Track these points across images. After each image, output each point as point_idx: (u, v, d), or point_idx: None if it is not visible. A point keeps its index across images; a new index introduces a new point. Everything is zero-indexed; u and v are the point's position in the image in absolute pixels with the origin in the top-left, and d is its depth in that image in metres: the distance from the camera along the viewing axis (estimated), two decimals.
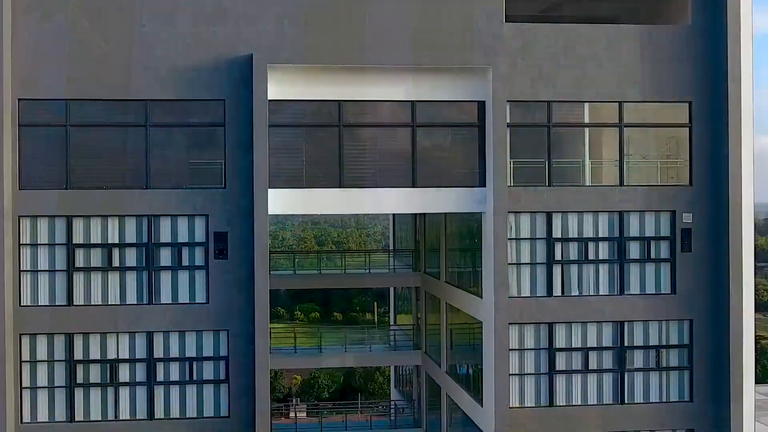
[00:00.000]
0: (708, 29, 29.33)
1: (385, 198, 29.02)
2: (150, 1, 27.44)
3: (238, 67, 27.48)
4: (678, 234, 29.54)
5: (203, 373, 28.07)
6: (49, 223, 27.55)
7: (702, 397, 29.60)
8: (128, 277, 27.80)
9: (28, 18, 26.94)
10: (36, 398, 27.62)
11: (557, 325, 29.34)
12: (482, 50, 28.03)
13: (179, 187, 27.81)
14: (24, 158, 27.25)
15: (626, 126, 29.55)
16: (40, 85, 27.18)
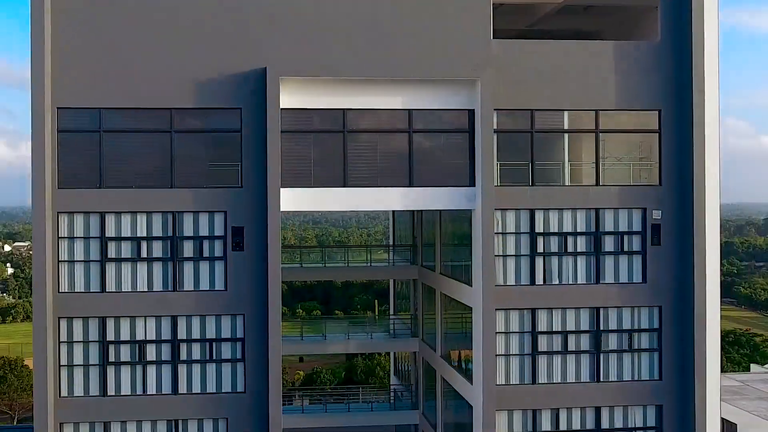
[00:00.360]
0: (675, 45, 32.73)
1: (385, 196, 32.47)
2: (175, 20, 30.84)
3: (253, 78, 30.89)
4: (648, 229, 32.96)
5: (222, 353, 31.48)
6: (85, 219, 30.97)
7: (670, 376, 33.01)
8: (155, 267, 31.22)
9: (66, 35, 30.33)
10: (73, 375, 31.04)
11: (539, 310, 32.77)
12: (472, 64, 31.44)
13: (200, 186, 31.21)
14: (62, 161, 30.66)
15: (602, 132, 32.98)
16: (76, 95, 30.59)
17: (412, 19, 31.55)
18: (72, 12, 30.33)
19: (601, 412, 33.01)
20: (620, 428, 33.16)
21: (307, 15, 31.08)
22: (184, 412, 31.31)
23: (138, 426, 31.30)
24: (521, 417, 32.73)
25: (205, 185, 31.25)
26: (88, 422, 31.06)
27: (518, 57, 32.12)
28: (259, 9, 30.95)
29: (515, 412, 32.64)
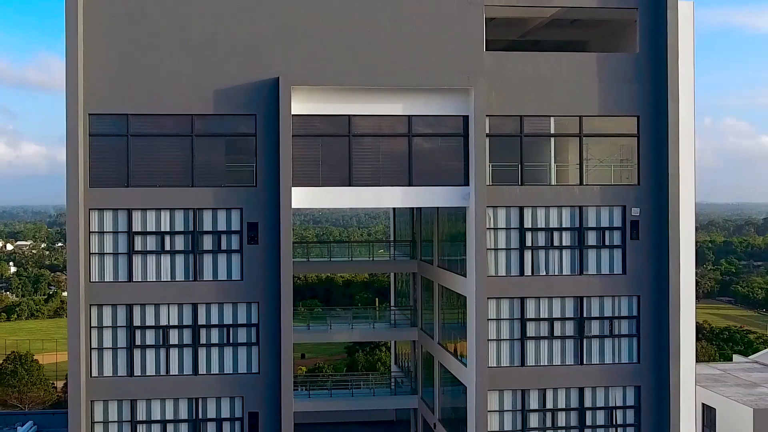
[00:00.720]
0: (652, 56, 35.96)
1: (386, 194, 35.76)
2: (196, 34, 34.07)
3: (267, 87, 34.14)
4: (628, 225, 36.20)
5: (238, 338, 34.71)
6: (113, 215, 34.23)
7: (647, 359, 36.25)
8: (177, 259, 34.48)
9: (96, 49, 33.56)
10: (102, 357, 34.30)
11: (528, 299, 36.02)
12: (466, 74, 34.68)
13: (218, 185, 34.47)
14: (93, 162, 33.89)
15: (585, 136, 36.22)
16: (106, 103, 33.84)
17: (411, 33, 34.78)
18: (102, 27, 33.56)
19: (584, 392, 36.26)
20: (602, 407, 36.40)
21: (315, 29, 34.33)
22: (203, 391, 34.56)
23: (162, 404, 34.55)
24: (511, 396, 35.99)
25: (222, 184, 34.48)
26: (116, 400, 34.30)
27: (509, 67, 35.36)
28: (272, 24, 34.19)
29: (506, 392, 35.90)
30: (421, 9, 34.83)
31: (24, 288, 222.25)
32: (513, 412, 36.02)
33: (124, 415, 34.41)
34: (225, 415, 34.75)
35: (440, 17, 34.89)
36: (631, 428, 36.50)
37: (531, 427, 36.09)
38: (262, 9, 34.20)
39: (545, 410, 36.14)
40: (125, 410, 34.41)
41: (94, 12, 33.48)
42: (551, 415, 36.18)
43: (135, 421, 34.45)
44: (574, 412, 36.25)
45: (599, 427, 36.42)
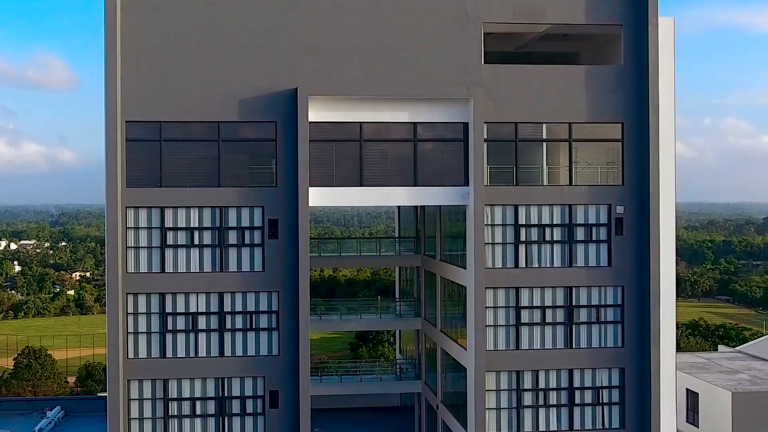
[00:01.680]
0: (635, 67, 39.95)
1: (393, 193, 39.81)
2: (222, 48, 38.05)
3: (286, 97, 38.14)
4: (613, 222, 40.21)
5: (260, 323, 38.74)
6: (148, 212, 38.25)
7: (630, 343, 40.25)
8: (205, 251, 38.50)
9: (132, 63, 37.57)
10: (138, 340, 38.32)
11: (522, 289, 40.03)
12: (465, 85, 38.70)
13: (242, 185, 38.48)
14: (129, 165, 37.91)
15: (574, 141, 40.23)
16: (141, 111, 37.85)
17: (416, 47, 38.79)
18: (137, 43, 37.56)
19: (573, 374, 40.27)
20: (589, 387, 40.41)
21: (330, 45, 38.35)
22: (228, 371, 38.59)
23: (191, 383, 38.57)
24: (507, 377, 40.00)
25: (246, 185, 38.50)
26: (150, 379, 38.33)
27: (504, 79, 39.38)
28: (291, 40, 38.20)
29: (502, 373, 39.91)
30: (424, 26, 38.85)
31: (29, 287, 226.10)
32: (508, 391, 40.02)
33: (157, 393, 38.43)
34: (248, 393, 38.77)
35: (442, 33, 38.90)
36: (616, 407, 40.51)
37: (525, 405, 40.12)
38: (282, 27, 38.20)
39: (538, 390, 40.15)
40: (158, 389, 38.43)
41: (130, 30, 37.48)
42: (543, 394, 40.20)
43: (167, 399, 38.47)
44: (564, 392, 40.26)
45: (587, 405, 40.43)
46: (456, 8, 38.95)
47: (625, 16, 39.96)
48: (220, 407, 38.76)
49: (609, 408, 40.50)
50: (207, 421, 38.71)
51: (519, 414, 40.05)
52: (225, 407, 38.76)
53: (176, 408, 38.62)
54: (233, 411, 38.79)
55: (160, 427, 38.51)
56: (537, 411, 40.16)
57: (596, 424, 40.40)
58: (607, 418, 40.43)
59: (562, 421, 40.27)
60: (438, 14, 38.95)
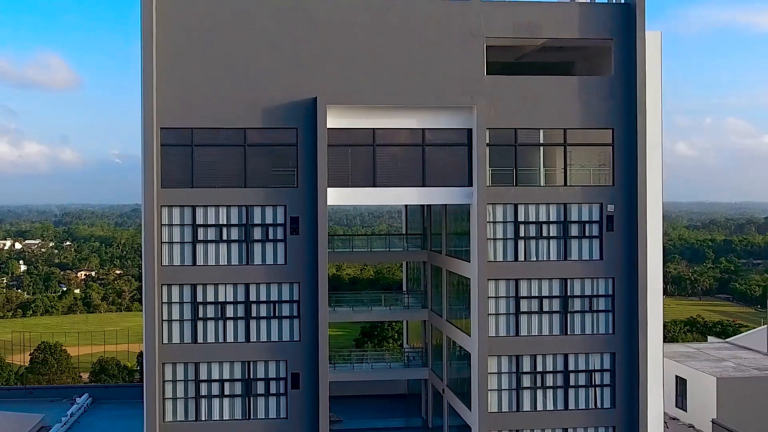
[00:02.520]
0: (625, 78, 44.03)
1: (403, 193, 43.95)
2: (248, 61, 42.15)
3: (306, 105, 42.26)
4: (604, 219, 44.30)
5: (282, 311, 42.87)
6: (180, 211, 42.38)
7: (620, 330, 44.34)
8: (233, 246, 42.62)
9: (166, 75, 41.69)
10: (172, 327, 42.45)
11: (521, 280, 44.13)
12: (470, 95, 42.82)
13: (266, 186, 42.60)
14: (164, 167, 42.04)
15: (569, 145, 44.32)
16: (174, 118, 41.96)
17: (424, 60, 42.91)
18: (170, 57, 41.70)
19: (568, 358, 44.39)
20: (583, 370, 44.50)
21: (346, 58, 42.48)
22: (254, 355, 42.72)
23: (220, 366, 42.70)
24: (507, 361, 44.11)
25: (269, 185, 42.63)
26: (183, 362, 42.46)
27: (505, 88, 43.49)
28: (311, 53, 42.32)
29: (503, 357, 44.02)
30: (432, 40, 42.99)
31: (35, 286, 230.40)
32: (509, 374, 44.15)
33: (189, 375, 42.57)
34: (272, 375, 42.91)
35: (448, 47, 43.03)
36: (607, 388, 44.62)
37: (524, 386, 44.24)
38: (302, 42, 42.33)
39: (536, 372, 44.27)
40: (190, 371, 42.57)
41: (164, 44, 41.61)
42: (541, 377, 44.33)
43: (198, 381, 42.61)
44: (560, 374, 44.38)
45: (581, 386, 44.54)
46: (460, 24, 43.08)
47: (615, 31, 44.08)
48: (246, 388, 42.88)
49: (601, 389, 44.60)
50: (234, 401, 42.85)
51: (519, 395, 44.18)
52: (251, 388, 42.88)
53: (206, 389, 42.74)
54: (258, 392, 42.92)
55: (191, 406, 42.66)
56: (535, 392, 44.29)
57: (589, 404, 44.52)
58: (599, 398, 44.55)
59: (558, 402, 44.40)
60: (444, 30, 43.07)
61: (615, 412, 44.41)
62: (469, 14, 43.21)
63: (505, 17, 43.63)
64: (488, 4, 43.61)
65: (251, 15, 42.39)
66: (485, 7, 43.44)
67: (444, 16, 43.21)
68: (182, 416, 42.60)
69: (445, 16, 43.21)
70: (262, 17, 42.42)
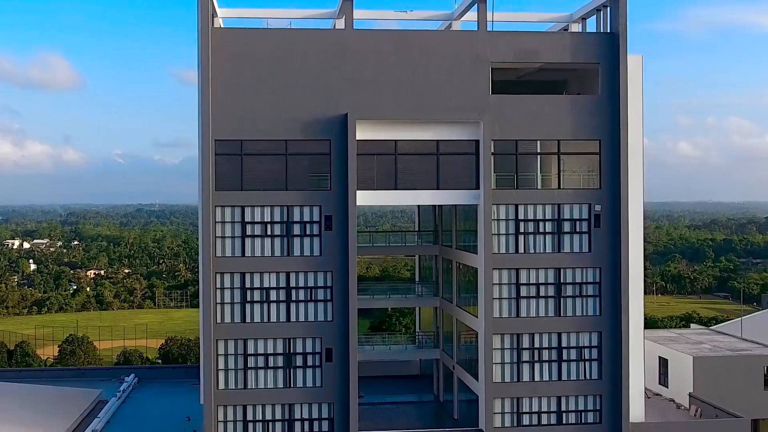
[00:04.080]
0: (610, 96, 52.30)
1: (420, 195, 52.34)
2: (289, 82, 50.45)
3: (338, 120, 50.52)
4: (592, 217, 52.57)
5: (318, 296, 51.15)
6: (232, 210, 50.67)
7: (606, 312, 52.64)
8: (275, 240, 50.92)
9: (219, 94, 49.99)
10: (224, 309, 50.75)
11: (521, 269, 52.44)
12: (477, 111, 51.13)
13: (304, 189, 50.88)
14: (218, 173, 50.33)
15: (562, 154, 52.61)
16: (226, 131, 50.26)
17: (438, 82, 51.21)
18: (223, 80, 50.00)
19: (561, 336, 52.68)
20: (574, 347, 52.79)
21: (372, 80, 50.78)
22: (293, 332, 51.03)
23: (264, 342, 51.00)
24: (509, 338, 52.41)
25: (307, 188, 50.92)
26: (233, 339, 50.76)
27: (507, 106, 51.79)
28: (342, 76, 50.60)
29: (505, 335, 52.32)
30: (445, 65, 51.28)
31: (46, 284, 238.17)
32: (510, 349, 52.44)
33: (239, 349, 50.89)
34: (308, 350, 51.25)
35: (459, 71, 51.31)
36: (594, 362, 52.89)
37: (523, 360, 52.54)
38: (335, 67, 50.64)
39: (533, 348, 52.57)
40: (239, 346, 50.88)
41: (217, 69, 49.91)
42: (538, 352, 52.61)
43: (246, 354, 50.93)
44: (554, 350, 52.68)
45: (572, 361, 52.82)
46: (469, 51, 51.41)
47: (602, 56, 52.38)
48: (287, 361, 51.20)
49: (589, 363, 52.87)
50: (276, 372, 51.19)
51: (519, 367, 52.51)
52: (291, 361, 51.20)
53: (253, 362, 51.05)
54: (297, 364, 51.26)
55: (240, 376, 50.98)
56: (533, 365, 52.61)
57: (579, 375, 52.82)
58: (588, 371, 52.85)
59: (553, 373, 52.71)
60: (455, 56, 51.39)
61: (601, 383, 52.75)
62: (476, 43, 51.54)
63: (508, 45, 51.96)
64: (493, 34, 51.95)
65: (292, 45, 50.71)
66: (491, 37, 51.77)
67: (455, 44, 51.57)
68: (233, 385, 50.94)
69: (457, 44, 51.57)
70: (301, 47, 50.73)
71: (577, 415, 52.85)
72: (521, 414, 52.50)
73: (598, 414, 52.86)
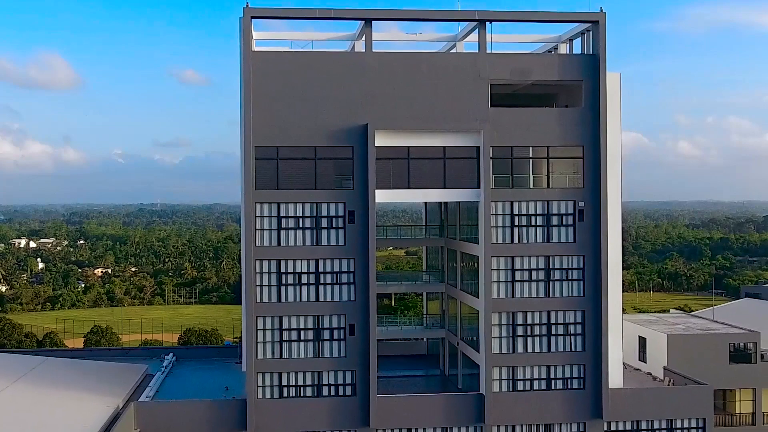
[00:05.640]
0: (592, 109, 62.32)
1: (429, 193, 62.51)
2: (318, 96, 60.46)
3: (360, 129, 60.50)
4: (577, 212, 62.60)
5: (343, 279, 61.14)
6: (269, 206, 60.67)
7: (588, 293, 62.69)
8: (306, 232, 60.92)
9: (259, 106, 59.93)
10: (263, 290, 60.77)
11: (516, 257, 62.47)
12: (478, 121, 61.16)
13: (331, 188, 60.89)
14: (257, 174, 60.33)
15: (551, 158, 62.65)
16: (264, 138, 60.23)
17: (445, 97, 61.21)
18: (262, 94, 59.97)
19: (550, 314, 62.72)
20: (561, 323, 62.82)
21: (389, 95, 60.78)
22: (322, 310, 61.03)
23: (297, 318, 61.00)
24: (506, 316, 62.44)
25: (333, 188, 60.93)
26: (270, 316, 60.78)
27: (504, 116, 61.80)
28: (363, 91, 60.59)
29: (502, 313, 62.34)
30: (450, 82, 61.29)
31: (55, 282, 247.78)
32: (507, 325, 62.48)
33: (275, 325, 60.87)
34: (335, 325, 61.26)
35: (462, 87, 61.31)
36: (579, 336, 62.92)
37: (518, 335, 62.58)
38: (357, 83, 60.65)
39: (526, 324, 62.61)
40: (275, 322, 60.87)
41: (257, 85, 59.88)
42: (530, 328, 62.67)
43: (281, 329, 60.92)
44: (544, 326, 62.73)
45: (560, 335, 62.85)
46: (471, 70, 61.44)
47: (585, 74, 62.38)
48: (316, 335, 61.18)
49: (574, 337, 62.90)
50: (307, 344, 61.20)
51: (514, 341, 62.51)
52: (319, 335, 61.17)
53: (287, 335, 61.04)
54: (325, 337, 61.25)
55: (276, 348, 60.97)
56: (526, 338, 62.63)
57: (565, 347, 62.85)
58: (573, 344, 62.88)
59: (543, 346, 62.74)
60: (459, 74, 61.40)
61: (584, 354, 62.78)
62: (477, 63, 61.57)
63: (504, 64, 61.98)
64: (492, 55, 61.96)
65: (320, 65, 60.75)
66: (489, 57, 61.79)
67: (459, 64, 61.63)
68: (270, 355, 60.95)
69: (460, 64, 61.63)
70: (328, 67, 60.76)
71: (563, 381, 62.90)
72: (516, 380, 62.57)
73: (581, 381, 62.92)
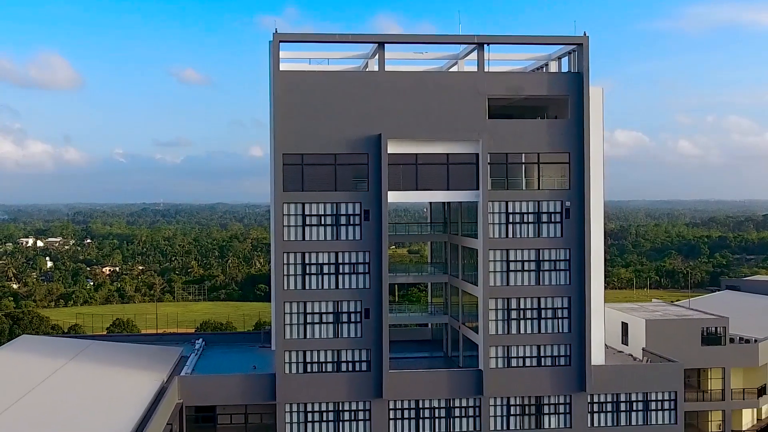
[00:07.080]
0: (577, 120, 72.50)
1: (435, 194, 72.93)
2: (337, 109, 70.69)
3: (374, 138, 70.69)
4: (564, 210, 72.82)
5: (359, 269, 71.34)
6: (295, 206, 70.92)
7: (574, 281, 72.92)
8: (327, 228, 71.16)
9: (285, 117, 70.08)
10: (290, 279, 70.99)
11: (510, 250, 72.66)
12: (476, 132, 71.36)
13: (349, 190, 71.09)
14: (285, 178, 70.53)
15: (541, 163, 72.85)
16: (290, 146, 70.42)
17: (448, 110, 71.43)
18: (288, 108, 70.16)
19: (540, 300, 72.96)
20: (550, 308, 73.05)
21: (400, 108, 70.99)
22: (340, 296, 71.26)
23: (319, 303, 71.21)
24: (501, 302, 72.67)
25: (351, 189, 71.13)
26: (296, 301, 71.00)
27: (500, 127, 72.03)
28: (377, 106, 70.79)
29: (498, 299, 72.59)
30: (453, 97, 71.51)
31: (65, 280, 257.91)
32: (502, 310, 72.73)
33: (300, 309, 71.13)
34: (352, 310, 71.50)
35: (463, 101, 71.52)
36: (565, 320, 73.14)
37: (512, 318, 72.81)
38: (372, 98, 70.84)
39: (519, 309, 72.85)
40: (300, 307, 71.12)
41: (284, 101, 70.08)
42: (523, 312, 72.91)
43: (306, 313, 71.17)
44: (535, 310, 72.98)
45: (549, 318, 73.08)
46: (471, 87, 71.67)
47: (571, 89, 72.60)
48: (336, 318, 71.42)
49: (561, 320, 73.12)
50: (328, 326, 71.47)
51: (508, 323, 72.75)
52: (338, 318, 71.38)
53: (310, 318, 71.28)
54: (343, 320, 71.49)
55: (301, 329, 71.22)
56: (519, 321, 72.89)
57: (553, 329, 73.08)
58: (560, 326, 73.11)
59: (534, 328, 72.97)
60: (461, 91, 71.63)
61: (570, 335, 73.04)
62: (476, 80, 71.80)
63: (500, 81, 72.23)
64: (489, 74, 72.19)
65: (339, 82, 70.98)
66: (487, 76, 72.04)
67: (461, 81, 71.88)
68: (296, 335, 71.21)
69: (462, 81, 71.88)
70: (346, 84, 71.00)
71: (552, 359, 73.13)
72: (510, 358, 72.81)
73: (568, 358, 73.15)
